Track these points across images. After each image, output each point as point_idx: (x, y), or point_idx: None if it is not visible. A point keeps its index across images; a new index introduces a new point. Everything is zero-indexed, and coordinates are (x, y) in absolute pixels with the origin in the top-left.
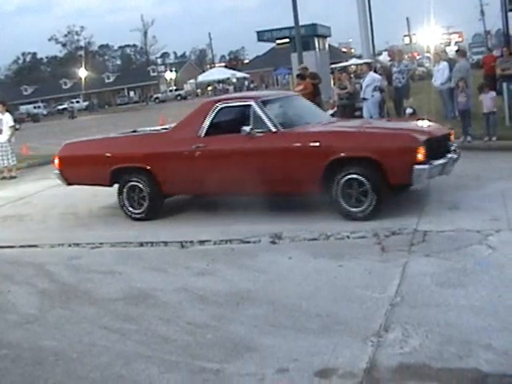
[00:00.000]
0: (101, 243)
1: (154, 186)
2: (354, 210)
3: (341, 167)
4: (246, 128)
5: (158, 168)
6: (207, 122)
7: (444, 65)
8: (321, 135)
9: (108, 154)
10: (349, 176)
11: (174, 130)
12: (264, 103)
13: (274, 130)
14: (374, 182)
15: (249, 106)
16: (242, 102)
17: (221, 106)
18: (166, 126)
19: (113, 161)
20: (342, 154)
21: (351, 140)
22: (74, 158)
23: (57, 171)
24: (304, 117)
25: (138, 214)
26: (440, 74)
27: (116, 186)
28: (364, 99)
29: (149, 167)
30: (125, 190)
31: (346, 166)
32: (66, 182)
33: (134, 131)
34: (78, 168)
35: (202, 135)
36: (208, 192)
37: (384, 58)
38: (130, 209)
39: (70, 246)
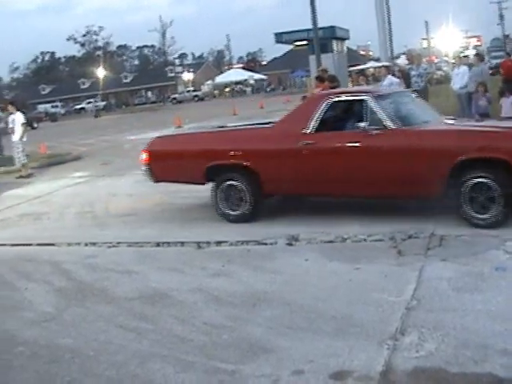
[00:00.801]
0: (118, 242)
1: (255, 185)
2: (478, 216)
3: (468, 169)
4: (362, 124)
5: (259, 166)
6: (316, 118)
7: (464, 69)
8: (447, 134)
9: (203, 150)
10: (476, 179)
11: (278, 126)
12: (379, 98)
13: (392, 127)
14: (505, 186)
15: (363, 100)
16: (355, 96)
17: (332, 100)
18: (271, 120)
19: (208, 157)
20: (471, 155)
21: (481, 140)
22: (164, 152)
23: (144, 166)
24: (421, 114)
25: (235, 215)
26: (459, 78)
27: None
28: None
29: (249, 165)
30: (221, 189)
31: (474, 167)
32: (153, 179)
33: (222, 126)
34: (168, 164)
35: (311, 131)
36: (315, 193)
37: (402, 61)
38: (226, 210)
39: (86, 244)
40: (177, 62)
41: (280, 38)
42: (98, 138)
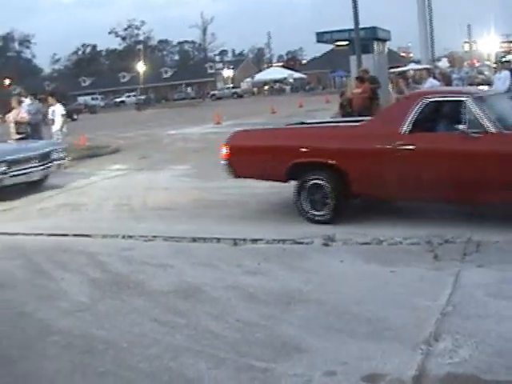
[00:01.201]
0: (154, 236)
1: (341, 185)
2: None
3: None
4: (461, 126)
5: (348, 165)
6: (411, 118)
7: (506, 74)
8: None
9: (287, 146)
10: None
11: (368, 124)
12: (479, 100)
13: (493, 130)
14: None
15: (462, 102)
16: (453, 96)
17: (428, 101)
18: (358, 118)
19: (293, 154)
20: None
21: None
22: (245, 147)
23: (224, 161)
24: None
25: (319, 215)
26: (501, 82)
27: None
28: None
29: (337, 164)
30: (305, 188)
31: None
32: (233, 174)
33: (303, 123)
34: (249, 159)
35: (405, 132)
36: (406, 196)
37: (443, 63)
38: (310, 210)
39: (123, 237)
40: (217, 58)
41: (321, 37)
42: (137, 131)
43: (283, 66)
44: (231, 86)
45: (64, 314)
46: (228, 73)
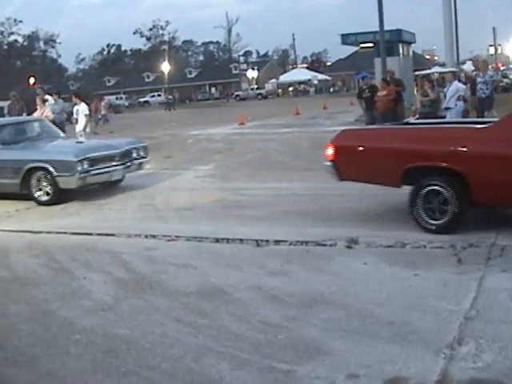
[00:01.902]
0: (177, 236)
1: (463, 192)
2: None
3: None
4: None
5: (471, 171)
6: None
7: None
8: None
9: (401, 149)
10: None
11: (496, 126)
12: None
13: None
14: None
15: None
16: None
17: None
18: (484, 120)
19: (408, 157)
20: None
21: None
22: (352, 148)
23: (329, 162)
24: None
25: (436, 225)
26: None
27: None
28: (447, 108)
29: (459, 169)
30: (421, 194)
31: None
32: (337, 177)
33: (407, 123)
34: (356, 161)
35: None
36: None
37: (468, 67)
38: (426, 218)
39: (146, 237)
40: (241, 59)
41: (346, 39)
42: (161, 131)
43: (308, 68)
44: (255, 86)
45: (87, 313)
46: (252, 74)
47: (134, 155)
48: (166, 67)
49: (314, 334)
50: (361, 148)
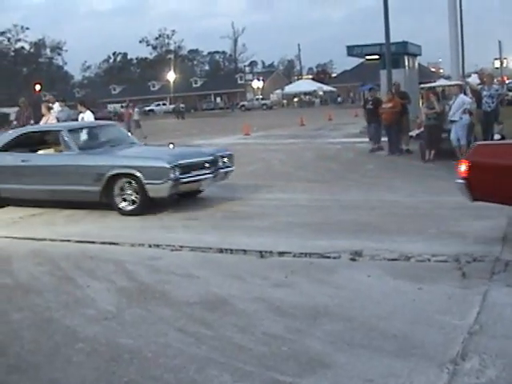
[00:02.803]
0: (180, 246)
1: None
2: None
3: None
4: None
5: None
6: None
7: None
8: None
9: None
10: None
11: None
12: None
13: None
14: None
15: None
16: None
17: None
18: None
19: None
20: None
21: None
22: (492, 165)
23: (461, 180)
24: None
25: None
26: None
27: None
28: (452, 121)
29: None
30: None
31: None
32: (470, 197)
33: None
34: (495, 180)
35: None
36: None
37: (473, 80)
38: None
39: (150, 246)
40: (247, 69)
41: (352, 50)
42: (166, 140)
43: (313, 79)
44: (261, 97)
45: (90, 322)
46: (258, 84)
47: (220, 164)
48: (171, 76)
49: (317, 346)
50: (501, 165)
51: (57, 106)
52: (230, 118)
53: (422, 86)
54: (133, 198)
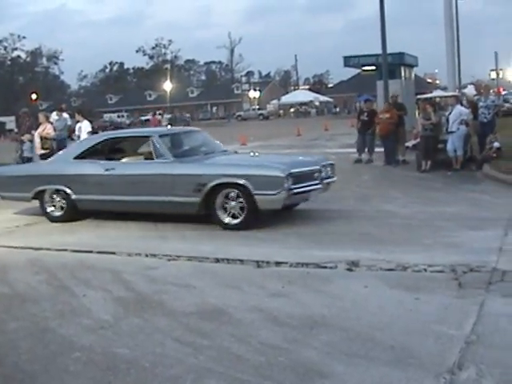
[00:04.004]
0: (177, 256)
1: None
2: None
3: None
4: None
5: None
6: None
7: None
8: None
9: None
10: None
11: None
12: None
13: None
14: None
15: None
16: None
17: None
18: None
19: None
20: None
21: None
22: None
23: None
24: None
25: None
26: None
27: None
28: (450, 132)
29: None
30: None
31: None
32: None
33: None
34: None
35: None
36: None
37: (470, 91)
38: None
39: (147, 255)
40: (243, 79)
41: (348, 61)
42: None
43: (309, 89)
44: (257, 107)
45: (87, 331)
46: (254, 94)
47: (323, 174)
48: (168, 86)
49: (314, 356)
50: None
51: (53, 115)
52: (227, 127)
53: (419, 96)
54: (236, 211)
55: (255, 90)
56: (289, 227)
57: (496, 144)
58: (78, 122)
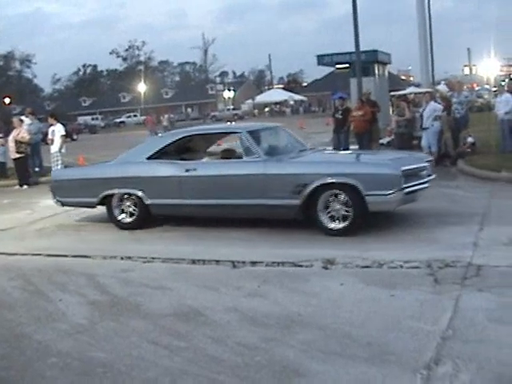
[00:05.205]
0: (153, 258)
1: None
2: None
3: None
4: None
5: None
6: None
7: (507, 96)
8: None
9: None
10: None
11: None
12: None
13: None
14: None
15: None
16: None
17: None
18: None
19: None
20: None
21: None
22: None
23: None
24: None
25: None
26: (503, 105)
27: None
28: (424, 129)
29: None
30: None
31: None
32: None
33: None
34: None
35: None
36: None
37: (443, 87)
38: None
39: (122, 258)
40: (218, 79)
41: (322, 60)
42: None
43: (284, 88)
44: (232, 107)
45: (62, 336)
46: (229, 94)
47: (425, 172)
48: (142, 88)
49: (291, 355)
50: None
51: (27, 120)
52: None
53: (393, 93)
54: (340, 214)
55: (229, 89)
56: (265, 227)
57: (470, 139)
58: (51, 125)
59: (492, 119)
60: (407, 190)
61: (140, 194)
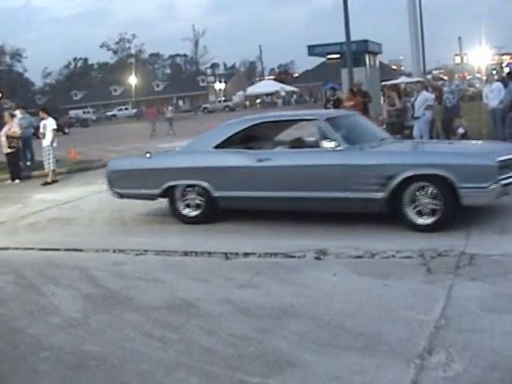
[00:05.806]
0: (145, 250)
1: None
2: None
3: None
4: None
5: None
6: None
7: (497, 85)
8: None
9: None
10: None
11: None
12: None
13: None
14: None
15: None
16: None
17: None
18: None
19: None
20: None
21: None
22: None
23: None
24: None
25: None
26: (495, 94)
27: None
28: (416, 118)
29: None
30: None
31: None
32: None
33: None
34: None
35: None
36: None
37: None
38: None
39: (114, 251)
40: (209, 71)
41: (313, 50)
42: (128, 145)
43: (275, 79)
44: (223, 99)
45: (55, 330)
46: (220, 86)
47: None
48: (133, 80)
49: (284, 346)
50: None
51: (18, 114)
52: (193, 120)
53: (384, 83)
54: (428, 208)
55: (220, 81)
56: (257, 218)
57: (461, 130)
58: (42, 119)
59: (483, 108)
60: (503, 182)
61: (206, 185)
